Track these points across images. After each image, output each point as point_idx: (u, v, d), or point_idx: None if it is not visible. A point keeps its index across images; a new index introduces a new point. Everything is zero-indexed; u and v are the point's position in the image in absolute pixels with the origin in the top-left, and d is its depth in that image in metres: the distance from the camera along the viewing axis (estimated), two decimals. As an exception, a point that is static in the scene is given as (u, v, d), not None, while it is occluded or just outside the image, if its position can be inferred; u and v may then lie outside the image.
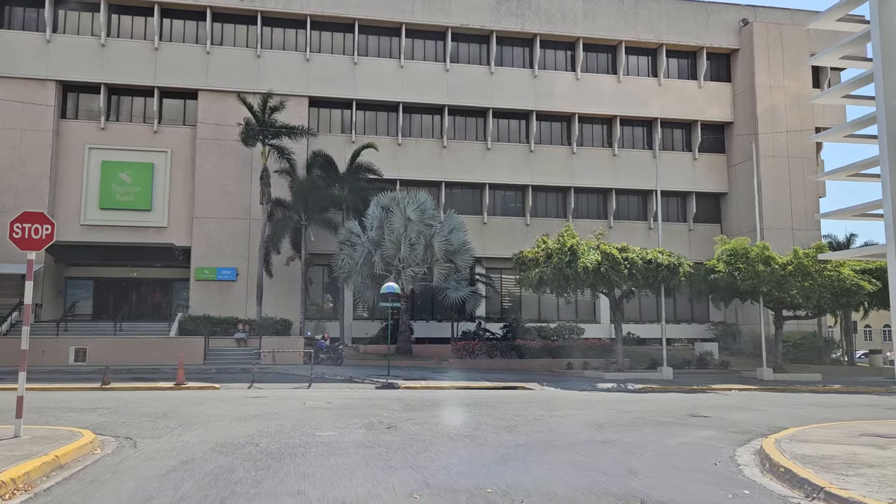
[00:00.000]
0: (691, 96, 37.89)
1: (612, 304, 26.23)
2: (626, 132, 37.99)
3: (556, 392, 20.62)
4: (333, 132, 35.27)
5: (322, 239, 32.33)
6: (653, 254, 24.13)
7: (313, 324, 33.64)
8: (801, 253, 25.42)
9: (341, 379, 22.92)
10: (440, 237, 28.50)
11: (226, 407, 14.74)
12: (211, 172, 32.95)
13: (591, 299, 37.52)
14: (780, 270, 24.71)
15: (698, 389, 22.26)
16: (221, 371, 24.66)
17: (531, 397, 18.57)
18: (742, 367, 30.93)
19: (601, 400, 17.77)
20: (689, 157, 38.24)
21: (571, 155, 37.02)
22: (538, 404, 16.26)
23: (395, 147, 35.24)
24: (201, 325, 29.65)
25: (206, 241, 32.56)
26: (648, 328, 37.31)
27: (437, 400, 16.95)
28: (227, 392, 18.91)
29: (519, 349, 29.67)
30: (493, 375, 25.27)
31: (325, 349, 27.26)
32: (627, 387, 22.47)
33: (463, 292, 29.59)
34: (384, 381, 21.47)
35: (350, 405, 15.41)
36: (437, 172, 35.42)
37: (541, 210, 37.36)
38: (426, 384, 21.50)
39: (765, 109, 36.25)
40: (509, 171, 36.26)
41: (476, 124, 36.84)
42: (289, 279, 32.58)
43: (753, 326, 35.34)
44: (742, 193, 37.23)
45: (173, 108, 34.08)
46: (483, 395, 18.80)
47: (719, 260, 26.17)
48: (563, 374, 27.73)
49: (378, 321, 33.98)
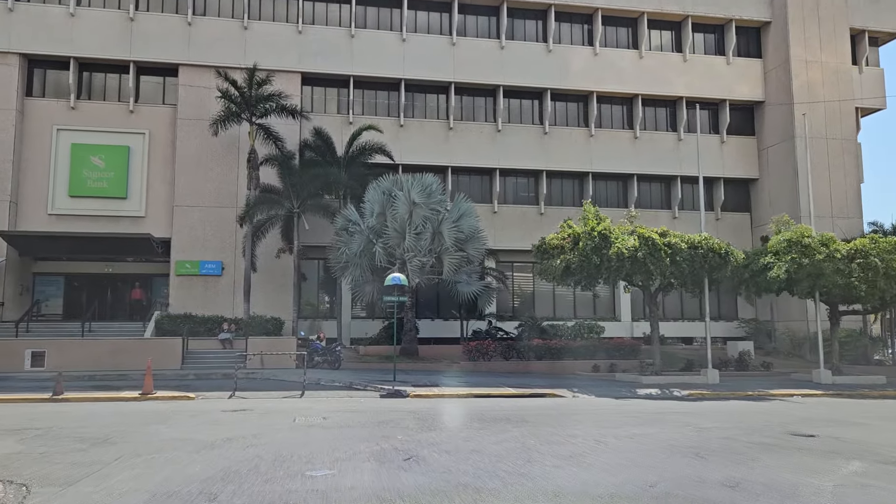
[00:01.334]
0: (719, 73, 34.75)
1: (647, 299, 23.05)
2: (649, 113, 34.82)
3: (595, 400, 17.42)
4: (329, 112, 32.02)
5: (317, 229, 29.09)
6: (698, 238, 20.95)
7: (308, 323, 30.40)
8: (879, 241, 22.17)
9: (339, 385, 19.69)
10: (449, 223, 25.28)
11: (192, 426, 11.51)
12: (193, 156, 29.67)
13: (611, 295, 34.45)
14: (846, 261, 21.49)
15: (756, 396, 19.09)
16: (201, 377, 21.41)
17: (570, 408, 15.39)
18: (786, 369, 27.83)
19: (658, 412, 14.59)
20: (717, 140, 35.09)
21: (589, 137, 33.83)
22: (585, 418, 13.08)
23: (396, 129, 32.01)
24: (182, 324, 26.37)
25: (187, 231, 29.28)
26: (673, 326, 34.23)
27: (458, 413, 13.76)
28: (202, 403, 15.67)
29: (537, 350, 26.46)
30: (513, 380, 22.08)
31: (321, 351, 24.02)
32: (673, 393, 19.29)
33: (475, 287, 26.37)
34: (390, 388, 18.26)
35: (352, 421, 12.20)
36: (443, 157, 32.20)
37: (556, 198, 34.16)
38: (439, 391, 18.30)
39: (801, 85, 33.13)
40: (522, 155, 33.06)
41: (485, 104, 33.63)
42: (280, 274, 29.32)
43: (790, 323, 32.27)
44: (775, 179, 34.13)
45: (151, 86, 30.78)
46: (510, 406, 15.61)
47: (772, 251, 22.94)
48: (591, 377, 24.54)
49: (379, 320, 30.76)
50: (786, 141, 33.41)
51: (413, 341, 26.74)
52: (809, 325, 31.54)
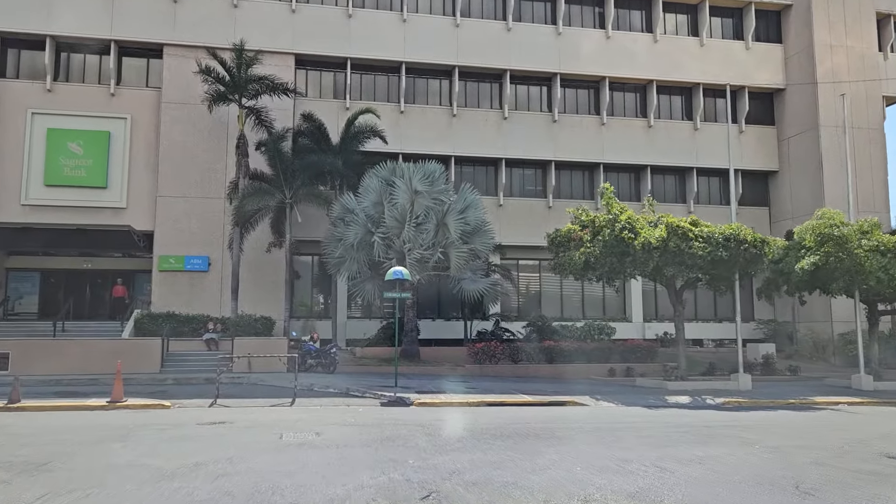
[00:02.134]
0: (737, 59, 32.82)
1: (672, 296, 21.07)
2: (663, 101, 32.87)
3: (623, 410, 15.44)
4: (324, 97, 29.98)
5: (311, 222, 27.06)
6: (731, 229, 18.99)
7: (301, 323, 28.35)
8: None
9: (335, 392, 17.67)
10: (455, 215, 23.27)
11: (156, 445, 9.50)
12: (179, 143, 27.58)
13: (622, 294, 32.47)
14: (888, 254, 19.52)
15: (799, 404, 17.14)
16: (181, 381, 19.35)
17: (600, 419, 13.41)
18: (814, 373, 25.95)
19: (704, 424, 12.62)
20: (735, 130, 33.13)
21: (601, 126, 31.87)
22: (625, 433, 11.11)
23: (396, 115, 29.99)
24: (164, 323, 24.33)
25: (172, 224, 27.19)
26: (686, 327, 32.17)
27: (474, 426, 11.76)
28: (177, 414, 13.65)
29: (548, 352, 24.48)
30: (525, 385, 20.11)
31: (315, 353, 21.98)
32: (706, 401, 17.33)
33: (481, 284, 24.34)
34: (391, 396, 16.26)
35: (350, 438, 10.20)
36: (446, 145, 30.19)
37: (565, 190, 32.18)
38: (446, 399, 16.30)
39: (825, 71, 31.24)
40: (529, 144, 31.06)
41: (490, 90, 31.64)
42: (271, 270, 27.26)
43: (813, 325, 30.37)
44: (797, 171, 32.24)
45: (134, 68, 28.70)
46: (532, 416, 13.62)
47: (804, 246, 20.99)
48: (608, 381, 22.59)
49: (377, 319, 28.73)
50: (808, 130, 31.52)
51: (414, 343, 24.74)
52: (834, 327, 29.71)
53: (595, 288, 32.27)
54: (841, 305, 29.55)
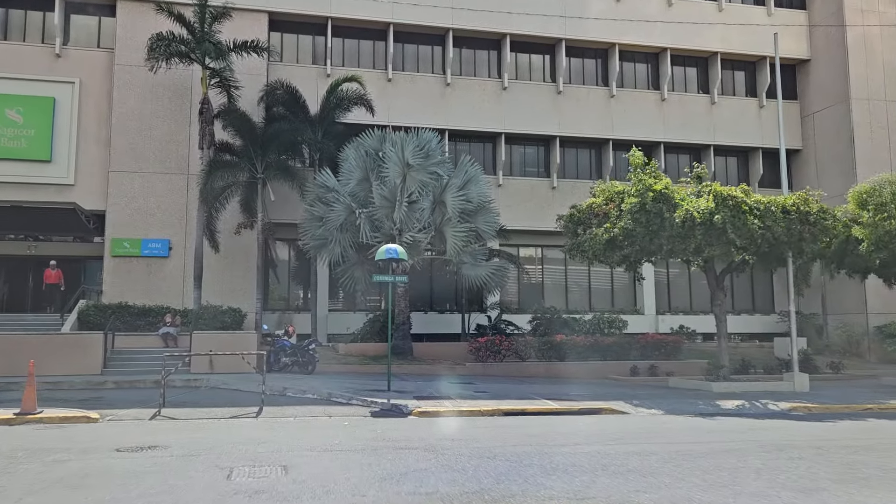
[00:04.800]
0: (758, 25, 29.87)
1: (712, 282, 17.96)
2: (678, 72, 29.82)
3: (677, 421, 12.31)
4: (302, 62, 26.56)
5: (286, 202, 23.71)
6: (791, 199, 15.97)
7: (276, 316, 24.98)
8: None
9: (314, 398, 14.36)
10: (454, 191, 20.01)
11: (28, 492, 6.16)
12: (134, 111, 24.02)
13: (631, 284, 29.37)
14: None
15: (880, 411, 14.13)
16: (123, 385, 15.93)
17: (661, 435, 10.26)
18: (855, 370, 23.11)
19: (812, 444, 9.51)
20: (755, 105, 30.23)
21: (610, 98, 28.74)
22: (721, 460, 7.96)
23: (383, 84, 26.65)
24: (116, 316, 20.87)
25: (126, 202, 23.64)
26: (702, 320, 29.18)
27: (503, 449, 8.55)
28: (100, 431, 10.29)
29: (561, 348, 21.33)
30: (540, 387, 16.95)
31: (290, 350, 18.59)
32: (768, 407, 14.25)
33: (483, 269, 21.10)
34: (385, 403, 12.99)
35: (334, 479, 6.94)
36: (439, 117, 26.87)
37: (570, 169, 29.04)
38: (453, 406, 13.06)
39: (856, 38, 28.37)
40: (531, 117, 27.86)
41: (489, 57, 28.39)
42: (242, 255, 23.84)
43: (845, 317, 27.50)
44: (823, 149, 29.37)
45: (83, 25, 25.08)
46: (570, 431, 10.46)
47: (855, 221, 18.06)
48: (633, 382, 19.49)
49: (362, 312, 25.37)
50: (837, 104, 28.63)
51: (406, 338, 21.46)
52: (870, 319, 26.91)
53: (603, 278, 29.32)
54: (877, 295, 26.79)
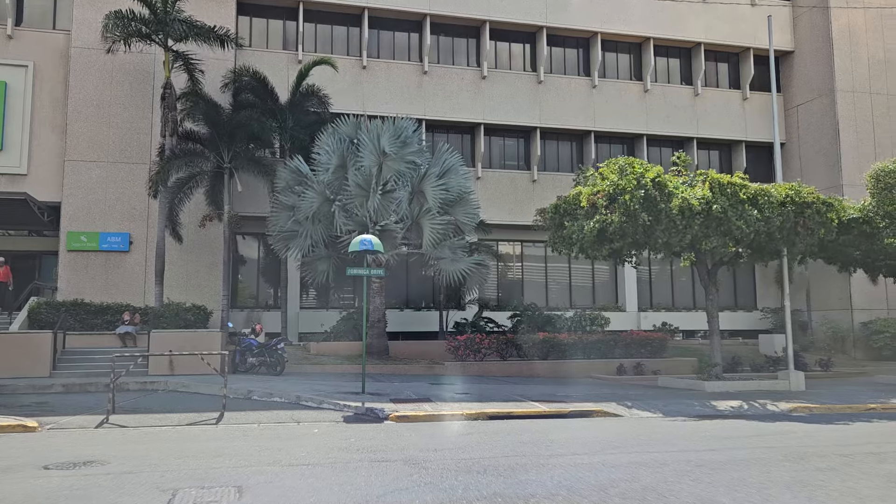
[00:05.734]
0: (742, 16, 29.26)
1: (704, 276, 17.12)
2: (660, 63, 29.08)
3: (675, 424, 11.41)
4: (272, 48, 25.33)
5: (255, 195, 22.51)
6: (785, 189, 15.22)
7: (244, 314, 23.75)
8: None
9: (281, 401, 13.22)
10: (433, 180, 18.97)
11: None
12: (93, 97, 22.60)
13: (612, 280, 28.72)
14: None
15: (882, 410, 13.40)
16: (74, 388, 14.64)
17: (661, 441, 9.34)
18: (843, 367, 22.57)
19: (839, 452, 8.64)
20: (738, 97, 29.61)
21: (591, 89, 27.89)
22: (740, 473, 7.02)
23: (357, 71, 25.53)
24: (71, 314, 19.51)
25: (83, 194, 22.23)
26: (685, 317, 28.61)
27: (496, 461, 7.54)
28: (35, 443, 9.08)
29: (545, 346, 20.39)
30: (525, 387, 15.99)
31: (257, 349, 17.40)
32: (767, 407, 13.43)
33: (463, 264, 20.08)
34: (359, 407, 11.91)
35: (296, 496, 5.87)
36: (416, 107, 25.80)
37: (551, 162, 28.16)
38: (433, 409, 12.02)
39: (841, 30, 27.87)
40: (511, 108, 26.93)
41: (467, 45, 27.39)
42: (207, 250, 22.56)
43: (829, 313, 26.99)
44: (807, 142, 28.83)
45: (37, 5, 23.56)
46: (564, 439, 9.49)
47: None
48: (621, 381, 18.63)
49: (335, 310, 24.29)
50: (822, 97, 28.10)
51: (382, 336, 20.38)
52: (854, 315, 26.43)
53: (584, 274, 28.53)
54: (861, 291, 26.33)
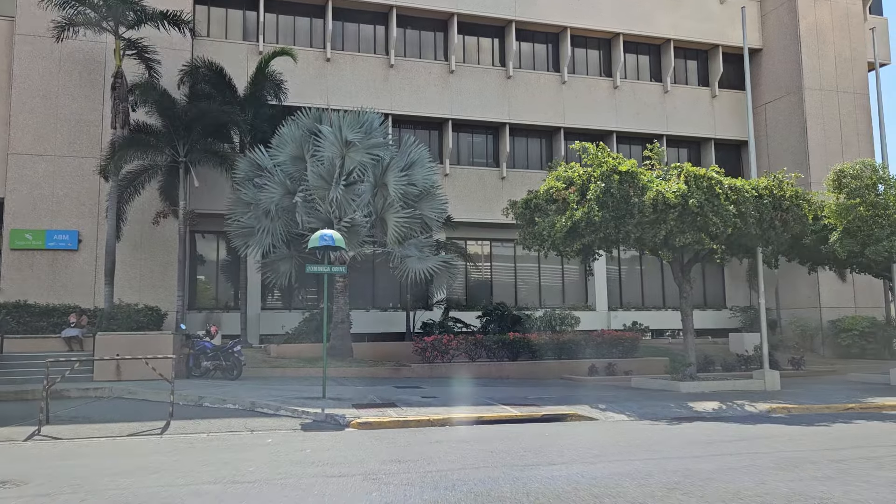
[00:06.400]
0: (711, 13, 29.08)
1: (678, 273, 16.66)
2: (630, 59, 28.73)
3: (654, 428, 10.85)
4: (232, 38, 24.34)
5: (213, 191, 21.52)
6: (764, 182, 14.81)
7: (203, 315, 22.71)
8: None
9: (235, 408, 12.35)
10: (396, 172, 18.21)
11: None
12: (39, 87, 21.36)
13: (582, 279, 28.28)
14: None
15: (863, 410, 13.03)
16: (8, 397, 13.52)
17: (643, 448, 8.73)
18: (814, 366, 22.39)
19: (832, 458, 8.12)
20: (707, 94, 29.43)
21: (561, 85, 27.42)
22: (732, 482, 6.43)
23: (321, 64, 24.67)
24: (12, 316, 18.36)
25: (28, 189, 20.98)
26: (654, 316, 28.31)
27: (455, 474, 6.84)
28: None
29: (515, 346, 19.77)
30: (496, 390, 15.33)
31: (212, 353, 16.43)
32: (745, 408, 12.96)
33: (431, 262, 19.37)
34: (318, 413, 11.12)
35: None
36: (382, 101, 24.98)
37: (520, 159, 27.61)
38: (399, 415, 11.27)
39: (808, 28, 27.83)
40: (480, 103, 26.31)
41: (434, 39, 26.70)
42: (162, 248, 21.48)
43: (798, 312, 26.90)
44: (775, 140, 28.75)
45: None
46: (540, 447, 8.83)
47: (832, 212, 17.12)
48: (593, 382, 18.08)
49: (298, 311, 23.36)
50: (790, 95, 28.05)
51: (346, 337, 19.54)
52: (823, 314, 26.36)
53: (554, 273, 28.06)
54: (829, 289, 26.31)
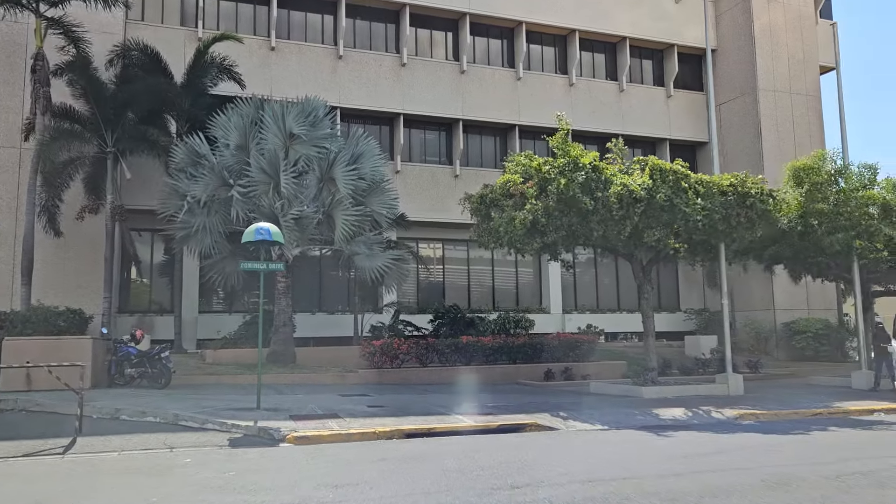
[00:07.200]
0: (666, 12, 28.74)
1: (638, 273, 15.92)
2: (586, 57, 28.16)
3: (620, 437, 9.99)
4: (168, 22, 22.81)
5: (148, 186, 19.93)
6: (728, 178, 14.21)
7: (135, 318, 21.10)
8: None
9: (155, 422, 11.01)
10: (343, 165, 17.06)
11: None
12: (-49, 69, 19.59)
13: (537, 281, 27.56)
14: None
15: (831, 416, 12.46)
16: None
17: (618, 465, 7.84)
18: (771, 369, 22.07)
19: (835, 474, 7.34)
20: (662, 94, 29.06)
21: (516, 81, 26.66)
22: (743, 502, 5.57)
23: (266, 52, 23.34)
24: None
25: (-62, 181, 19.18)
26: (609, 319, 27.68)
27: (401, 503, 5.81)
28: None
29: (468, 350, 18.78)
30: (448, 397, 14.31)
31: (136, 359, 14.95)
32: (712, 415, 12.24)
33: (379, 261, 18.23)
34: (251, 426, 9.91)
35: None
36: (330, 93, 23.67)
37: (474, 157, 26.72)
38: (341, 427, 10.14)
39: (762, 29, 27.72)
40: (432, 98, 25.33)
41: (386, 30, 25.63)
42: (89, 246, 19.82)
43: (752, 314, 26.65)
44: (730, 141, 28.53)
45: None
46: (496, 463, 7.84)
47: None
48: (550, 387, 17.24)
49: (241, 313, 21.87)
50: (744, 95, 27.88)
51: (288, 342, 18.23)
52: (777, 316, 26.17)
53: (508, 276, 27.25)
54: (783, 291, 26.11)
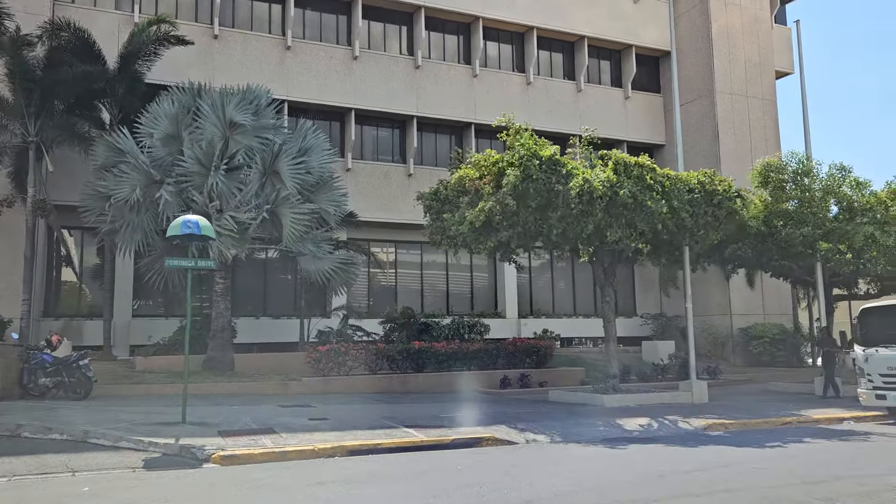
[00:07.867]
0: (624, 12, 28.34)
1: (600, 275, 15.16)
2: (544, 55, 27.54)
3: (582, 452, 9.14)
4: (102, 5, 21.31)
5: (77, 178, 18.40)
6: (696, 176, 13.59)
7: (61, 323, 19.51)
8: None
9: (61, 439, 9.68)
10: (289, 159, 15.90)
11: None
12: None
13: (492, 285, 26.79)
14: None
15: (801, 424, 11.87)
16: None
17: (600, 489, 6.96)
18: (731, 374, 21.72)
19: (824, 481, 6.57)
20: (620, 95, 28.63)
21: (473, 78, 25.84)
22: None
23: (208, 41, 21.99)
24: None
25: None
26: (564, 324, 26.98)
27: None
28: None
29: (420, 357, 17.79)
30: (398, 407, 13.31)
31: (52, 367, 13.49)
32: (679, 425, 11.52)
33: (327, 263, 17.09)
34: (170, 444, 8.72)
35: None
36: (278, 86, 22.36)
37: (428, 156, 25.77)
38: (276, 444, 9.03)
39: (720, 31, 27.52)
40: (385, 94, 24.30)
41: (337, 22, 24.51)
42: (6, 245, 18.20)
43: (708, 319, 26.29)
44: (688, 144, 27.88)
45: None
46: (455, 487, 6.89)
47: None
48: (507, 395, 16.39)
49: (177, 318, 20.39)
50: (702, 98, 27.64)
51: (227, 348, 16.91)
52: (733, 321, 25.90)
53: (462, 280, 26.39)
54: (739, 296, 25.88)
